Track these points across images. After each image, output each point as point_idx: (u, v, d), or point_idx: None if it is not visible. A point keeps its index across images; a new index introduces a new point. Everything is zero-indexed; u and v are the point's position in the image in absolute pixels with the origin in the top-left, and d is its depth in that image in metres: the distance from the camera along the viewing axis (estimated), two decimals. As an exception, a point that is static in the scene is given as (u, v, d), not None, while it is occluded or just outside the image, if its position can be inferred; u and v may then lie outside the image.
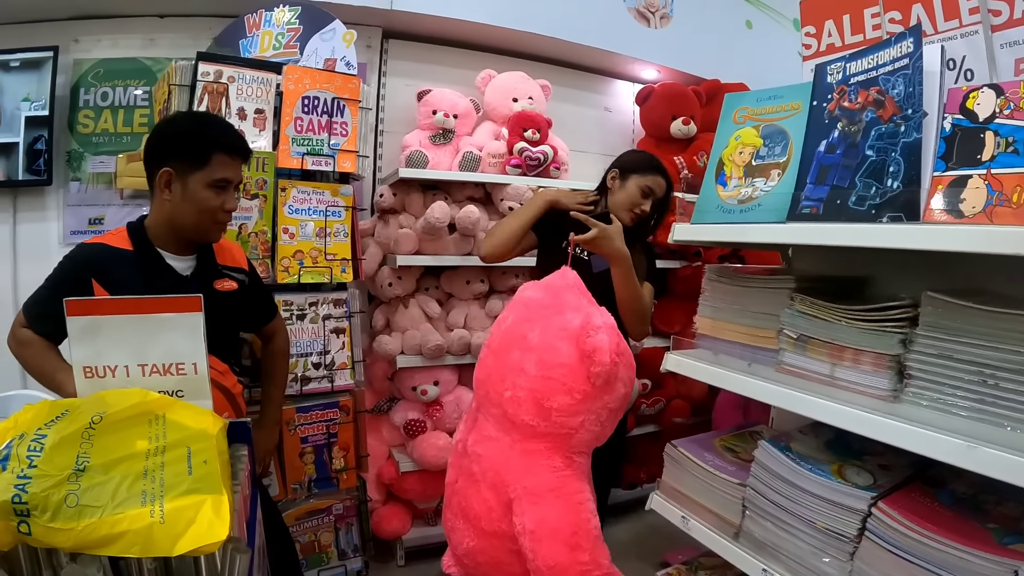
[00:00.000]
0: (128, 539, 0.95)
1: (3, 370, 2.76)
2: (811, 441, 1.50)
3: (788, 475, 1.38)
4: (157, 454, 1.08)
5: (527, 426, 1.65)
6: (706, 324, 1.69)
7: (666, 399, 3.29)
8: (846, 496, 1.28)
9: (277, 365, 2.07)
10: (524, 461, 1.67)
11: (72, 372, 1.22)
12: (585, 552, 1.60)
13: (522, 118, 2.91)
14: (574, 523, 1.63)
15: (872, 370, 1.26)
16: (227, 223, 1.74)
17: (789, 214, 1.36)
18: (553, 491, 1.65)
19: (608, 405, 1.65)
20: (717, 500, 1.56)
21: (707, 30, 3.75)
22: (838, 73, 1.38)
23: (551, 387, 1.61)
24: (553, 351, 1.63)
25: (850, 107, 1.32)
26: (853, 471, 1.35)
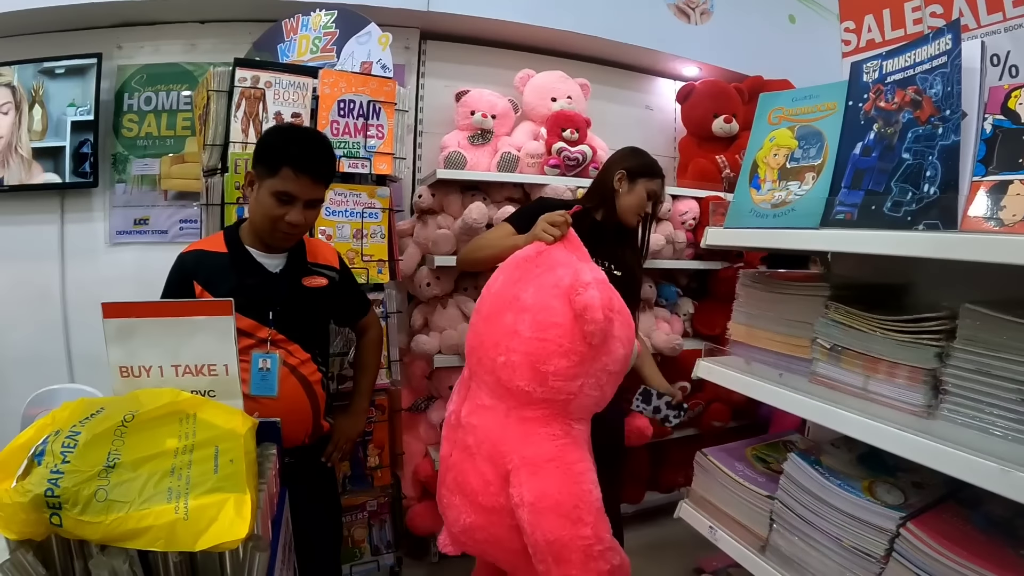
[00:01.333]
0: (153, 533, 0.98)
1: (52, 364, 2.93)
2: (843, 455, 1.44)
3: (817, 490, 1.33)
4: (186, 452, 1.11)
5: (523, 392, 1.59)
6: (740, 331, 1.64)
7: (705, 402, 3.21)
8: (874, 515, 1.23)
9: (368, 356, 2.16)
10: (521, 429, 1.62)
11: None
12: (587, 526, 1.54)
13: (560, 118, 2.88)
14: (576, 495, 1.57)
15: (907, 384, 1.19)
16: (291, 234, 1.78)
17: (823, 220, 1.30)
18: (553, 461, 1.59)
19: (607, 367, 1.61)
20: (745, 512, 1.52)
21: (748, 26, 3.66)
22: (874, 72, 1.31)
23: (547, 349, 1.56)
24: (548, 310, 1.58)
25: (887, 107, 1.26)
26: (884, 488, 1.30)
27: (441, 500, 1.81)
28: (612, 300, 1.57)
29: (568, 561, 1.54)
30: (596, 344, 1.55)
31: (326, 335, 2.01)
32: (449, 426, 1.82)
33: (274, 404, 1.66)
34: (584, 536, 1.54)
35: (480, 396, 1.71)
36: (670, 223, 3.14)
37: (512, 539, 1.62)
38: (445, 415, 1.87)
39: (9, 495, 0.97)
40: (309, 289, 1.84)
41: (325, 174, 1.77)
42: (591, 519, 1.55)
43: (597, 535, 1.55)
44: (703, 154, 3.37)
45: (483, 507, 1.65)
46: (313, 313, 1.88)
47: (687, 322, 3.30)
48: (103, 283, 2.93)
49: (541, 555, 1.55)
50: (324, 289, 1.88)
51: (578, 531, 1.53)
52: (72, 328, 2.97)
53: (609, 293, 1.57)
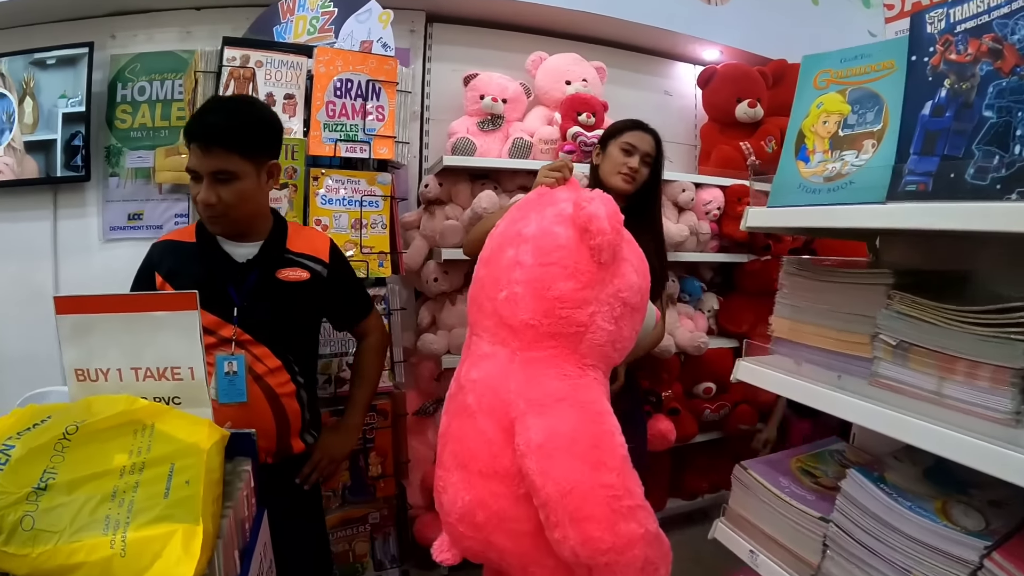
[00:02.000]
0: (84, 571, 0.85)
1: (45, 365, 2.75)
2: (907, 469, 1.23)
3: (882, 513, 1.12)
4: (134, 471, 0.97)
5: (527, 327, 1.39)
6: (783, 326, 1.42)
7: (731, 404, 3.03)
8: (954, 543, 1.02)
9: (366, 365, 1.91)
10: (527, 372, 1.40)
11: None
12: (612, 472, 1.29)
13: (576, 101, 2.69)
14: (594, 435, 1.33)
15: (990, 387, 0.99)
16: (210, 216, 1.54)
17: (890, 192, 1.09)
18: (564, 400, 1.36)
19: (620, 294, 1.41)
20: (792, 535, 1.31)
21: (771, 7, 3.47)
22: (940, 21, 1.10)
23: (551, 274, 1.38)
24: (550, 235, 1.42)
25: (959, 60, 1.05)
26: (959, 510, 1.09)
27: (437, 487, 1.52)
28: (619, 216, 1.41)
29: (589, 517, 1.25)
30: (605, 262, 1.37)
31: (308, 339, 1.78)
32: (449, 396, 1.58)
33: (233, 415, 1.42)
34: (607, 484, 1.27)
35: (480, 346, 1.50)
36: (693, 213, 2.96)
37: (521, 515, 1.35)
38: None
39: None
40: (284, 284, 1.63)
41: (217, 138, 1.48)
42: (616, 465, 1.31)
43: (624, 485, 1.30)
44: (726, 140, 3.18)
45: (484, 475, 1.39)
46: (287, 312, 1.64)
47: (712, 319, 3.11)
48: (97, 280, 2.80)
49: (556, 515, 1.27)
50: (305, 284, 1.66)
51: (600, 477, 1.28)
52: (65, 328, 2.82)
53: (615, 208, 1.40)
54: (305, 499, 1.76)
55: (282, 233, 1.69)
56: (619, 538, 1.24)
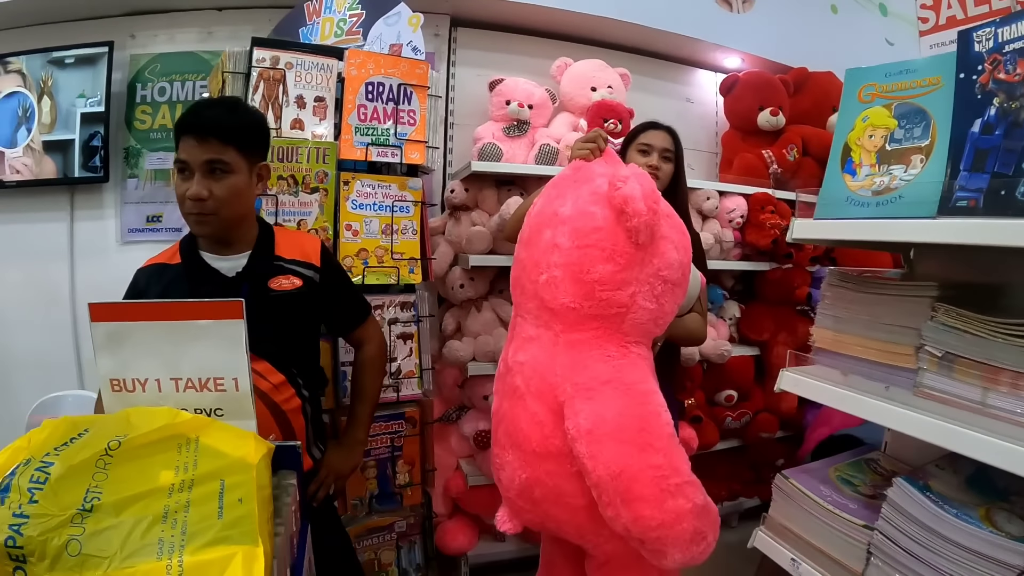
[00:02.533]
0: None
1: (60, 368, 2.82)
2: (950, 478, 1.28)
3: (929, 520, 1.17)
4: (183, 489, 0.95)
5: (568, 310, 1.45)
6: (826, 336, 1.47)
7: (752, 412, 3.07)
8: (1000, 549, 1.07)
9: (365, 378, 1.88)
10: (571, 355, 1.46)
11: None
12: (658, 453, 1.36)
13: (602, 107, 2.73)
14: (640, 417, 1.40)
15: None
16: (201, 214, 1.51)
17: (940, 208, 1.15)
18: (610, 383, 1.42)
19: (659, 272, 1.45)
20: (835, 543, 1.35)
21: (791, 15, 3.54)
22: (988, 40, 1.16)
23: (589, 256, 1.42)
24: (587, 216, 1.45)
25: (1008, 79, 1.10)
26: (1003, 516, 1.15)
27: (494, 466, 1.62)
28: (655, 194, 1.44)
29: (639, 498, 1.33)
30: (643, 242, 1.41)
31: (309, 348, 1.77)
32: (498, 376, 1.66)
33: None
34: (655, 465, 1.35)
35: (525, 328, 1.57)
36: (717, 221, 3.00)
37: (576, 491, 1.44)
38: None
39: None
40: (277, 294, 1.60)
41: (214, 130, 1.49)
42: (662, 444, 1.37)
43: (672, 464, 1.37)
44: (748, 148, 3.23)
45: (538, 454, 1.47)
46: (285, 323, 1.61)
47: (733, 327, 3.16)
48: (114, 283, 2.70)
49: (607, 495, 1.35)
50: (299, 292, 1.63)
51: (647, 459, 1.35)
52: (82, 331, 2.84)
53: (651, 186, 1.43)
54: (320, 513, 1.76)
55: (269, 240, 1.67)
56: (667, 514, 1.32)
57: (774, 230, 2.93)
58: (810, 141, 3.23)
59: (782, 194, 3.09)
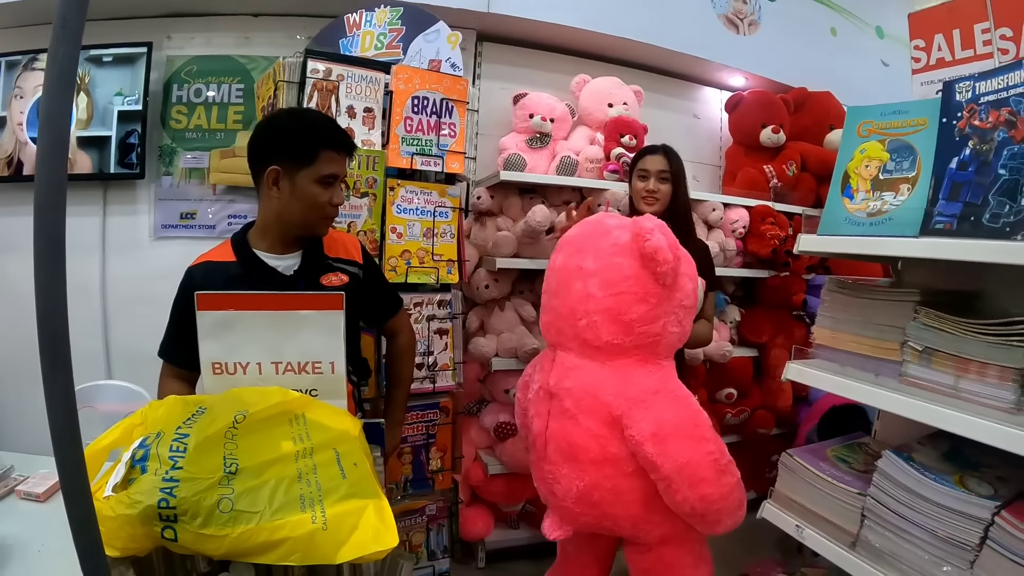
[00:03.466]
0: (288, 546, 0.95)
1: (89, 360, 2.96)
2: (930, 452, 1.59)
3: (912, 485, 1.47)
4: (306, 456, 1.09)
5: (612, 346, 1.81)
6: (825, 335, 1.78)
7: (751, 409, 3.39)
8: (970, 505, 1.37)
9: (400, 365, 2.08)
10: (618, 377, 1.81)
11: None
12: (710, 441, 1.75)
13: (619, 123, 3.03)
14: (691, 415, 1.79)
15: (997, 383, 1.34)
16: (334, 217, 1.77)
17: (922, 228, 1.45)
18: (659, 392, 1.80)
19: (682, 303, 1.84)
20: (835, 509, 1.66)
21: (793, 37, 3.87)
22: (967, 92, 1.45)
23: (624, 301, 1.78)
24: (614, 268, 1.80)
25: (981, 126, 1.40)
26: (974, 482, 1.44)
27: (547, 479, 1.93)
28: (675, 241, 1.80)
29: (703, 480, 1.72)
30: (669, 284, 1.77)
31: (354, 339, 1.91)
32: (539, 401, 1.97)
33: None
34: (710, 451, 1.74)
35: (569, 359, 1.90)
36: (721, 231, 3.31)
37: (633, 488, 1.79)
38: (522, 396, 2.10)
39: (112, 507, 0.93)
40: (329, 289, 1.73)
41: (352, 147, 1.77)
42: (711, 435, 1.77)
43: (720, 448, 1.77)
44: (750, 163, 3.54)
45: (597, 462, 1.80)
46: None
47: (733, 329, 3.46)
48: (146, 278, 2.96)
49: (676, 483, 1.71)
50: (346, 287, 1.76)
51: (704, 447, 1.74)
52: (112, 323, 3.05)
53: (670, 234, 1.79)
54: None
55: (318, 241, 1.80)
56: (723, 488, 1.74)
57: (774, 240, 3.23)
58: (808, 157, 3.54)
59: (781, 207, 3.40)
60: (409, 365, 2.13)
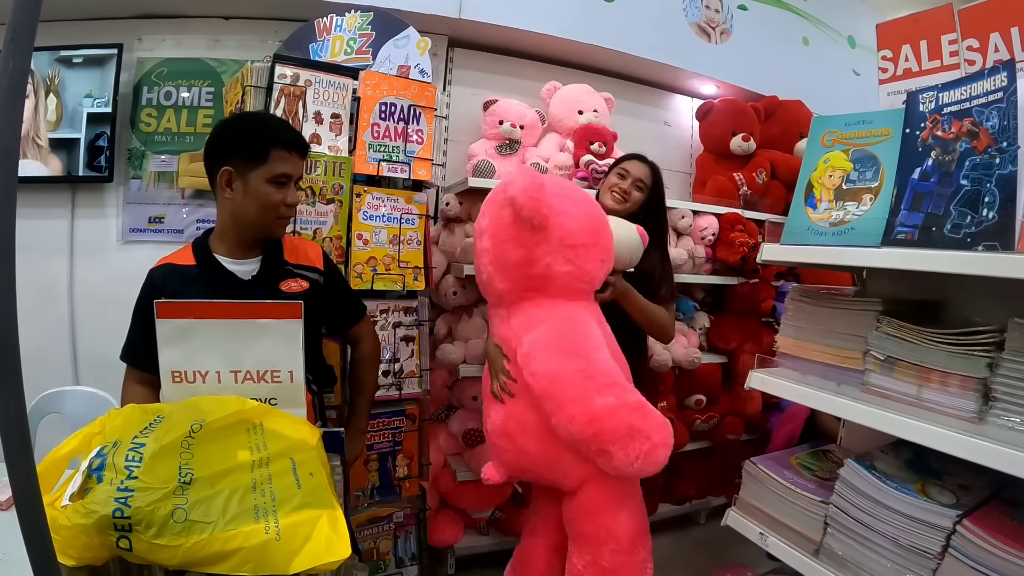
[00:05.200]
0: (241, 556, 0.95)
1: (56, 364, 2.92)
2: (892, 460, 1.58)
3: (874, 493, 1.46)
4: (262, 465, 1.09)
5: (507, 291, 1.92)
6: (788, 344, 1.77)
7: (720, 415, 3.37)
8: (931, 514, 1.35)
9: (363, 373, 2.08)
10: (517, 316, 1.91)
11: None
12: (581, 358, 1.74)
13: (589, 131, 3.02)
14: (567, 332, 1.81)
15: (959, 392, 1.33)
16: (290, 218, 1.80)
17: (884, 239, 1.44)
18: (544, 320, 1.86)
19: (564, 241, 1.84)
20: (798, 517, 1.64)
21: (765, 46, 3.88)
22: (930, 102, 1.45)
23: (505, 248, 1.86)
24: (496, 220, 1.88)
25: (943, 136, 1.40)
26: (936, 490, 1.43)
27: (484, 420, 2.06)
28: (536, 184, 1.79)
29: (569, 399, 1.71)
30: (539, 225, 1.79)
31: (315, 346, 1.88)
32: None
33: None
34: (578, 368, 1.73)
35: (495, 312, 2.07)
36: (690, 238, 3.30)
37: (537, 420, 1.82)
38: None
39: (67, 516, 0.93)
40: (288, 295, 1.73)
41: (305, 147, 1.79)
42: (586, 351, 1.77)
43: (594, 366, 1.75)
44: (721, 171, 3.55)
45: (511, 397, 1.90)
46: None
47: (703, 336, 3.45)
48: (114, 282, 2.82)
49: (548, 403, 1.75)
50: (306, 294, 1.75)
51: (572, 364, 1.74)
52: (79, 327, 3.00)
53: (533, 180, 1.80)
54: None
55: (278, 247, 1.81)
56: (595, 410, 1.69)
57: (743, 247, 3.23)
58: (778, 166, 3.55)
59: (751, 214, 3.40)
60: (373, 372, 2.13)
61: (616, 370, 1.80)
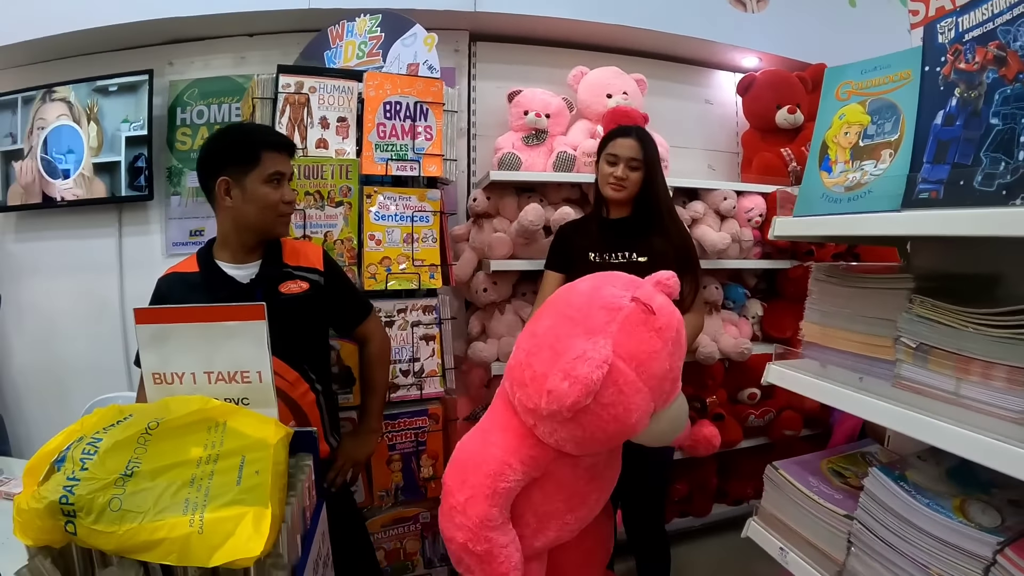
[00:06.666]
0: (165, 547, 0.95)
1: (111, 373, 3.02)
2: (930, 469, 1.25)
3: (901, 509, 1.16)
4: (209, 462, 1.07)
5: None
6: (814, 331, 1.47)
7: (776, 410, 3.01)
8: (967, 539, 1.05)
9: (372, 372, 2.00)
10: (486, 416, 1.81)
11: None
12: (467, 488, 1.58)
13: (617, 114, 2.74)
14: (471, 457, 1.65)
15: (1005, 387, 1.01)
16: (290, 215, 1.79)
17: (904, 200, 1.13)
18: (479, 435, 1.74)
19: (555, 428, 1.50)
20: (820, 532, 1.35)
21: (807, 11, 3.47)
22: (950, 31, 1.13)
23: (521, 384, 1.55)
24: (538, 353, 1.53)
25: (967, 68, 1.08)
26: (978, 508, 1.12)
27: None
28: (587, 400, 1.39)
29: (442, 510, 1.64)
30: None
31: (320, 346, 1.89)
32: None
33: None
34: (455, 502, 1.59)
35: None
36: (735, 220, 2.97)
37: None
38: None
39: (26, 501, 0.97)
40: (288, 297, 1.72)
41: (292, 146, 1.80)
42: (462, 477, 1.60)
43: (466, 502, 1.56)
44: (767, 147, 3.19)
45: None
46: (296, 323, 1.72)
47: (756, 325, 3.12)
48: None
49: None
50: (306, 294, 1.76)
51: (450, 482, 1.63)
52: (131, 338, 3.00)
53: (595, 389, 1.39)
54: (338, 499, 1.86)
55: (277, 250, 1.80)
56: (446, 531, 1.62)
57: (794, 227, 2.87)
58: (830, 137, 3.15)
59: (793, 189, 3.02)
60: (382, 372, 2.02)
61: (490, 519, 1.54)
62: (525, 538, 1.63)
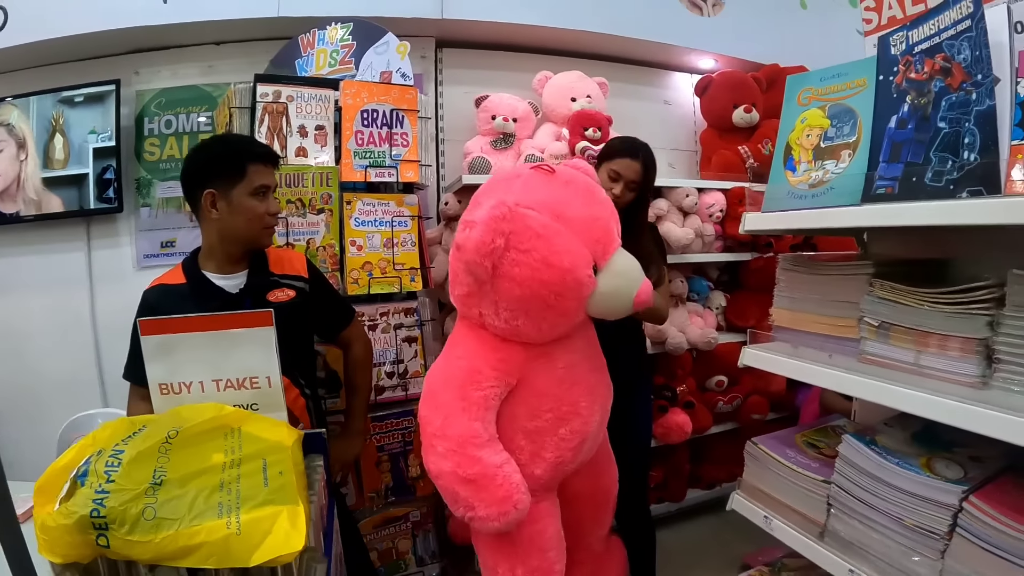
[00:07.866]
0: (205, 550, 0.98)
1: (85, 388, 2.98)
2: (897, 434, 1.43)
3: (874, 470, 1.32)
4: (233, 467, 1.11)
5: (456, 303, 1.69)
6: (783, 316, 1.63)
7: (743, 395, 3.21)
8: (935, 490, 1.21)
9: (356, 375, 2.07)
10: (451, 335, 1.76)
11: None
12: (440, 415, 1.55)
13: (582, 117, 2.89)
14: (447, 380, 1.61)
15: (959, 356, 1.19)
16: (275, 226, 1.84)
17: (863, 195, 1.30)
18: (448, 353, 1.69)
19: (497, 303, 1.54)
20: (801, 498, 1.50)
21: (761, 14, 3.67)
22: (901, 43, 1.30)
23: (454, 273, 1.62)
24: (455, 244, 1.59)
25: (917, 78, 1.25)
26: (942, 464, 1.28)
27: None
28: (493, 244, 1.44)
29: (424, 447, 1.58)
30: (478, 278, 1.52)
31: (307, 352, 1.94)
32: None
33: None
34: (426, 416, 1.58)
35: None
36: (697, 216, 3.14)
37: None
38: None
39: (53, 518, 0.97)
40: (276, 305, 1.72)
41: (277, 157, 1.85)
42: (441, 403, 1.57)
43: (439, 422, 1.54)
44: (725, 145, 3.38)
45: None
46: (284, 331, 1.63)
47: (720, 315, 3.30)
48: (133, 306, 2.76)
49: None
50: (293, 302, 1.80)
51: (433, 416, 1.56)
52: (104, 352, 3.02)
53: (491, 237, 1.44)
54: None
55: (264, 258, 1.84)
56: (430, 466, 1.55)
57: (753, 221, 3.04)
58: (784, 135, 3.34)
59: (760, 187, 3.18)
60: (365, 375, 2.10)
61: (474, 435, 1.52)
62: (523, 465, 1.58)
